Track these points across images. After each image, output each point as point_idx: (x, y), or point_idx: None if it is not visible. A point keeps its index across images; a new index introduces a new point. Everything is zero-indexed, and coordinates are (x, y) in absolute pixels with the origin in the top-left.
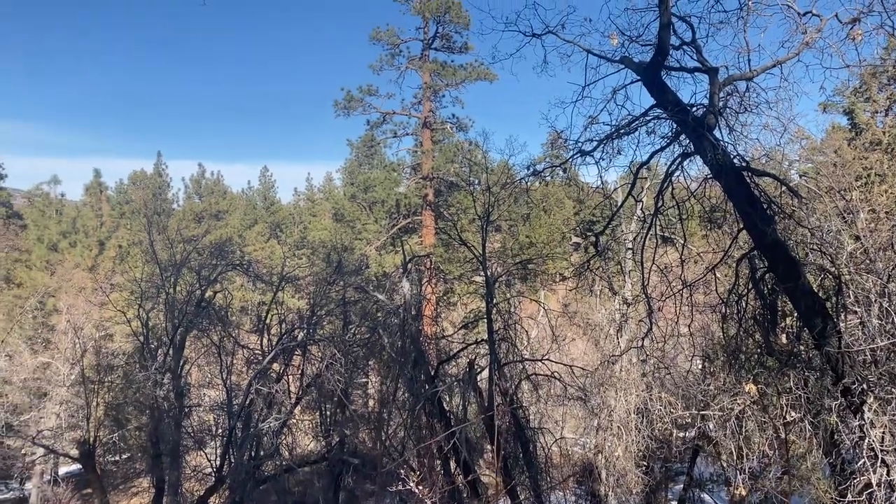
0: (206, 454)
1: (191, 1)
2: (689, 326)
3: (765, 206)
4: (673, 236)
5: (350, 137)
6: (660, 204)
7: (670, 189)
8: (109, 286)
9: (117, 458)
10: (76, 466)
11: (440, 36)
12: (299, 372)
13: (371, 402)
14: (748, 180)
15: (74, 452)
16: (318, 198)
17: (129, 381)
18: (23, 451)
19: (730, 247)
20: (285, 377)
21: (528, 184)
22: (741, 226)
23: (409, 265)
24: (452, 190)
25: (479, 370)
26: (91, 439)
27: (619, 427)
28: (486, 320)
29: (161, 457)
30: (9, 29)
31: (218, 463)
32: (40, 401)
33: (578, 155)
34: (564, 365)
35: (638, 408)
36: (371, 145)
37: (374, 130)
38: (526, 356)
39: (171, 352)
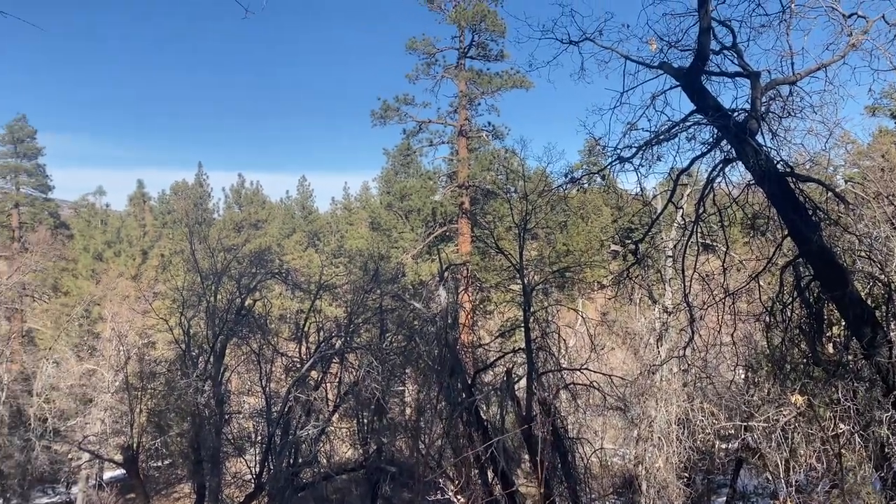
0: (245, 461)
1: (229, 15)
2: (731, 335)
3: (810, 212)
4: (714, 243)
5: (386, 146)
6: (701, 211)
7: (711, 195)
8: (152, 295)
9: (159, 463)
10: (120, 471)
11: (476, 44)
12: (337, 380)
13: (408, 411)
14: (792, 186)
15: (119, 458)
16: (354, 207)
17: (171, 387)
18: (69, 456)
19: (774, 254)
20: (323, 385)
21: (566, 191)
22: (785, 232)
23: (446, 273)
24: (488, 198)
25: (516, 379)
26: (134, 445)
27: (659, 438)
28: (523, 329)
29: (202, 463)
30: (55, 44)
31: (257, 470)
32: (86, 407)
33: (617, 162)
34: (603, 374)
35: (679, 418)
36: (407, 154)
37: (409, 139)
38: (564, 365)
39: (211, 359)
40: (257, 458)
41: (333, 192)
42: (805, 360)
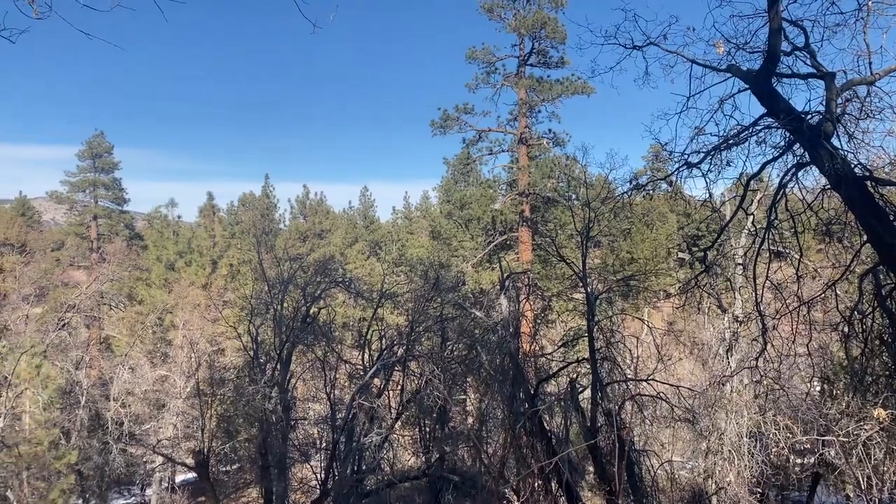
0: (311, 466)
1: (291, 33)
2: (807, 346)
3: (891, 217)
4: (787, 251)
5: (446, 156)
6: (772, 217)
7: (784, 201)
8: (222, 303)
9: (228, 468)
10: (191, 475)
11: (536, 52)
12: (399, 387)
13: (470, 420)
14: (871, 190)
15: (190, 461)
16: (415, 216)
17: (240, 394)
18: (144, 459)
19: (851, 261)
20: (386, 392)
21: (630, 198)
22: (864, 239)
23: (507, 282)
24: (549, 205)
25: (580, 390)
26: (205, 449)
27: (730, 451)
28: (586, 338)
29: (269, 468)
30: (128, 66)
31: (322, 476)
32: (159, 411)
33: (684, 167)
34: (671, 385)
35: (751, 431)
36: (467, 163)
37: (469, 148)
38: (629, 376)
39: (278, 366)
40: (322, 464)
41: (394, 201)
42: (887, 373)
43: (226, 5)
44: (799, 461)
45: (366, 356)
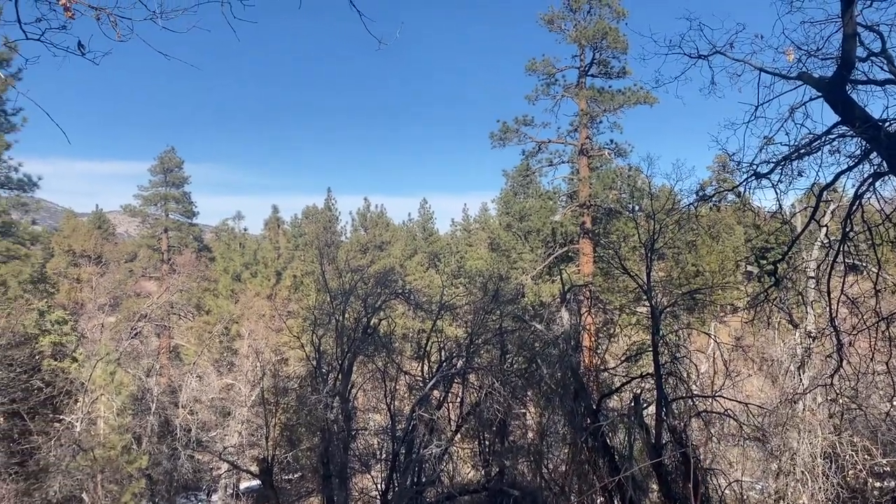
0: (371, 477)
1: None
2: (886, 364)
3: None
4: (863, 264)
5: (505, 168)
6: (848, 229)
7: (860, 212)
8: (286, 313)
9: (290, 476)
10: (255, 482)
11: (597, 62)
12: (459, 400)
13: (530, 434)
14: None
15: (254, 469)
16: (474, 228)
17: (302, 403)
18: (210, 466)
19: None
20: (446, 404)
21: (696, 209)
22: None
23: (568, 294)
24: (611, 217)
25: (644, 405)
26: (269, 457)
27: (802, 472)
28: (651, 353)
29: (330, 477)
30: (198, 84)
31: (382, 487)
32: (225, 419)
33: (753, 178)
34: (739, 402)
35: (825, 452)
36: (526, 174)
37: (529, 160)
38: (696, 392)
39: (340, 376)
40: (382, 474)
41: (453, 213)
42: None
43: (289, 24)
44: (878, 484)
45: (425, 368)
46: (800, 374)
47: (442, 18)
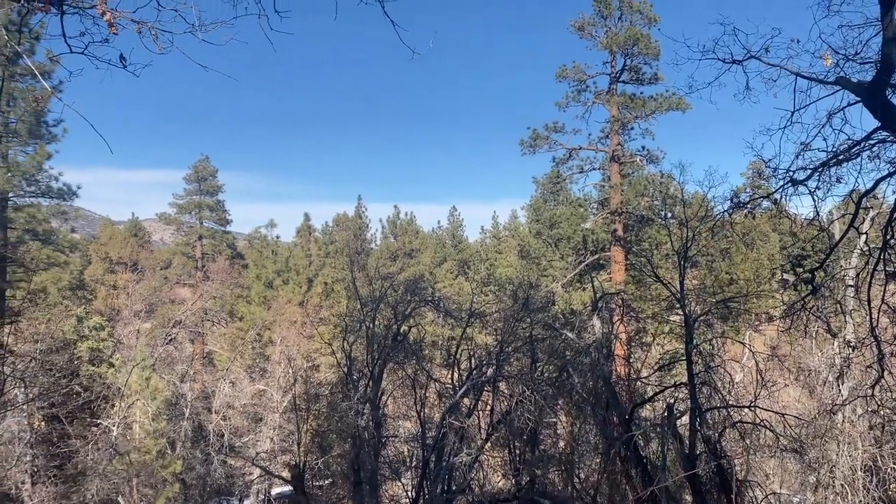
0: (402, 484)
1: (386, 58)
2: None
3: None
4: None
5: (535, 175)
6: (889, 236)
7: None
8: (317, 320)
9: (322, 483)
10: (287, 488)
11: (628, 69)
12: (489, 408)
13: (561, 443)
14: None
15: (286, 475)
16: (503, 235)
17: (333, 409)
18: (243, 471)
19: None
20: (476, 412)
21: (730, 217)
22: None
23: (600, 302)
24: (643, 224)
25: (678, 415)
26: (301, 463)
27: (842, 485)
28: (684, 362)
29: (361, 484)
30: (232, 93)
31: (413, 494)
32: (257, 425)
33: (789, 184)
34: (775, 413)
35: (866, 465)
36: (557, 182)
37: (559, 167)
38: (730, 402)
39: (370, 383)
40: (413, 482)
41: (483, 221)
42: None
43: (319, 34)
44: None
45: (455, 375)
46: (839, 385)
47: (471, 26)
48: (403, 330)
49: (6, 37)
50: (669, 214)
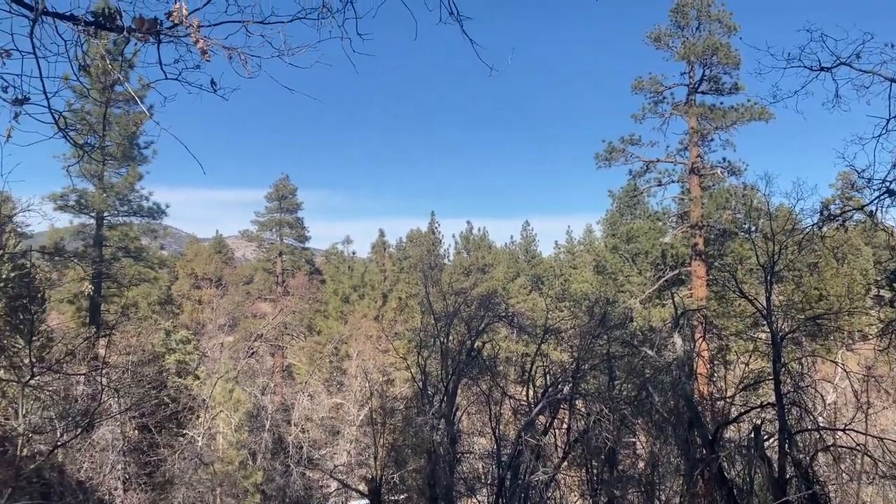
0: (478, 501)
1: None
2: None
3: None
4: None
5: (611, 188)
6: None
7: None
8: (392, 334)
9: (397, 497)
10: (363, 502)
11: (707, 79)
12: (565, 426)
13: (641, 464)
14: None
15: (363, 488)
16: (578, 250)
17: (408, 424)
18: (320, 483)
19: None
20: (552, 430)
21: (820, 230)
22: None
23: (681, 319)
24: (725, 238)
25: (765, 437)
26: (378, 477)
27: None
28: (771, 381)
29: (437, 500)
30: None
31: None
32: (334, 438)
33: (886, 195)
34: (873, 437)
35: None
36: (633, 195)
37: (636, 180)
38: (822, 424)
39: (445, 398)
40: (489, 499)
41: (556, 235)
42: None
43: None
44: None
45: (530, 392)
46: None
47: (543, 38)
48: (477, 345)
49: (110, 65)
50: (754, 228)
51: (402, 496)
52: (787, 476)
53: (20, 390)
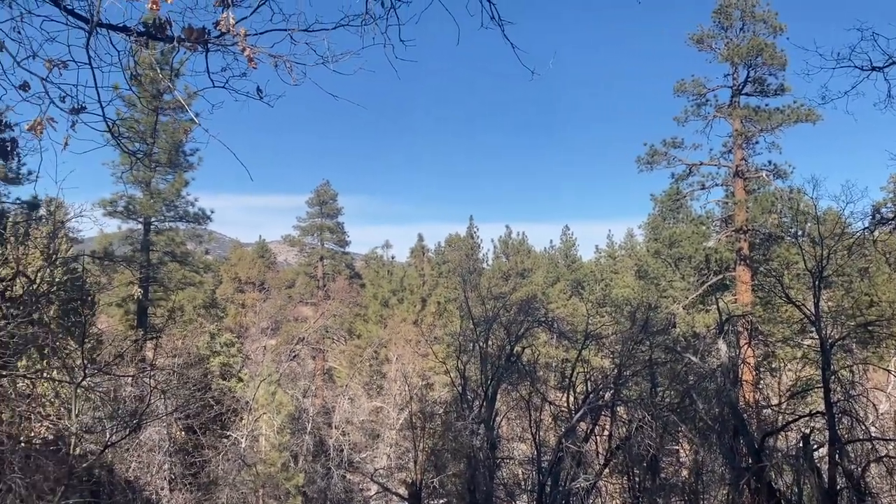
0: None
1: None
2: None
3: None
4: None
5: (653, 192)
6: None
7: None
8: (432, 339)
9: (437, 501)
10: None
11: (751, 80)
12: (606, 433)
13: (684, 472)
14: None
15: (403, 492)
16: (619, 255)
17: (448, 428)
18: (360, 486)
19: None
20: (593, 437)
21: (872, 233)
22: None
23: (726, 325)
24: (771, 243)
25: (815, 446)
26: (418, 481)
27: None
28: (821, 389)
29: None
30: (348, 120)
31: None
32: (374, 441)
33: None
34: None
35: None
36: (676, 199)
37: (679, 183)
38: (875, 434)
39: (484, 403)
40: None
41: (596, 240)
42: None
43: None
44: None
45: (570, 398)
46: None
47: (582, 41)
48: (517, 350)
49: (159, 74)
50: (801, 232)
51: (441, 500)
52: (838, 487)
53: (73, 391)
